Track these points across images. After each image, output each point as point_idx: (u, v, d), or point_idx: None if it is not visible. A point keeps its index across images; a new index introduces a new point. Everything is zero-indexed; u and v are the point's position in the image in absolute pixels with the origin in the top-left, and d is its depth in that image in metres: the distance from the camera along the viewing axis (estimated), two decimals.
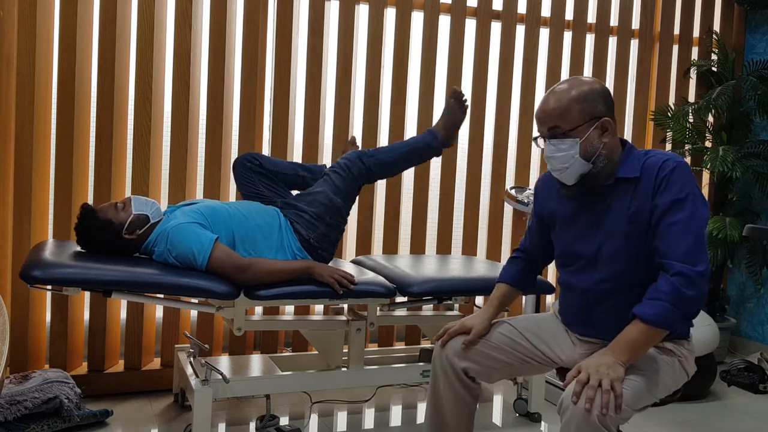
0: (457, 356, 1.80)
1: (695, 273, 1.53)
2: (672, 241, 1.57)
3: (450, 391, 1.81)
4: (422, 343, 3.35)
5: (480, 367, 1.81)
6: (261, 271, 2.23)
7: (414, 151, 2.57)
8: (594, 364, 1.52)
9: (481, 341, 1.82)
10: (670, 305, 1.53)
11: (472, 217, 3.38)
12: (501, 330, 1.86)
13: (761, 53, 3.85)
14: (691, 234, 1.56)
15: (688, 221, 1.57)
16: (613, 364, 1.52)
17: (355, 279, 2.32)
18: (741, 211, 3.68)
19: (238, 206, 2.42)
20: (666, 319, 1.54)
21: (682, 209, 1.58)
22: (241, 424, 2.58)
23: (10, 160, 2.65)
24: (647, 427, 2.70)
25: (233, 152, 3.01)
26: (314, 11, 3.04)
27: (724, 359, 3.66)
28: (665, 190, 1.61)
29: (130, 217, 2.27)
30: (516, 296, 2.00)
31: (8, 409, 2.21)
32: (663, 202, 1.60)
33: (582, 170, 1.68)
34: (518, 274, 1.99)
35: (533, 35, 3.44)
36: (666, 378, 1.65)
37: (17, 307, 2.66)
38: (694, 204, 1.58)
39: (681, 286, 1.53)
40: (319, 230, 2.43)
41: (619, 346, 1.56)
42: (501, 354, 1.83)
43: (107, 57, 2.74)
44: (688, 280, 1.53)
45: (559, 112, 1.66)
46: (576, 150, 1.66)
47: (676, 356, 1.70)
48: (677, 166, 1.62)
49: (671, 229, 1.58)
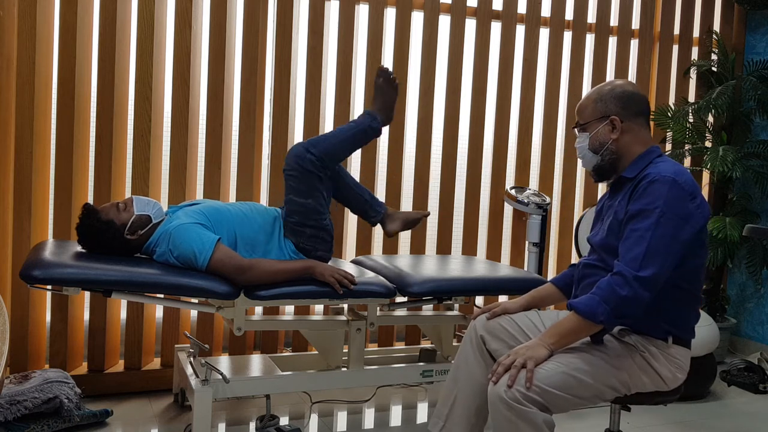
0: (481, 325, 1.93)
1: (633, 276, 1.62)
2: (627, 245, 1.67)
3: (472, 357, 1.91)
4: (422, 343, 3.35)
5: (495, 341, 1.90)
6: (262, 271, 2.23)
7: (357, 134, 2.47)
8: (519, 347, 1.67)
9: (505, 317, 1.93)
10: (599, 299, 1.63)
11: (472, 217, 3.38)
12: (527, 314, 1.96)
13: (761, 53, 3.85)
14: (644, 242, 1.64)
15: (647, 231, 1.65)
16: (535, 345, 1.66)
17: (355, 279, 2.32)
18: (741, 211, 3.68)
19: (240, 207, 2.42)
20: (591, 310, 1.63)
21: (645, 218, 1.67)
22: (241, 424, 2.58)
23: (10, 160, 2.65)
24: (647, 427, 2.70)
25: (233, 152, 3.01)
26: (314, 11, 3.04)
27: (724, 359, 3.66)
28: (638, 199, 1.71)
29: (132, 218, 2.27)
30: (556, 298, 2.05)
31: (8, 409, 2.21)
32: (632, 209, 1.71)
33: (593, 161, 1.86)
34: (565, 278, 2.05)
35: (533, 35, 3.44)
36: (613, 368, 1.69)
37: (17, 307, 2.66)
38: (660, 218, 1.66)
39: (615, 284, 1.63)
40: (305, 234, 2.40)
41: (548, 331, 1.70)
42: (518, 334, 1.90)
43: (107, 57, 2.74)
44: (624, 281, 1.62)
45: (580, 108, 1.89)
46: (587, 143, 1.86)
47: (638, 351, 1.74)
48: (658, 179, 1.69)
49: (630, 234, 1.68)
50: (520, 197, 3.29)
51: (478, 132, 3.37)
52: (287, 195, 2.40)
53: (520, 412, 1.55)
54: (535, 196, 3.29)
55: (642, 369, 1.73)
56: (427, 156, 3.28)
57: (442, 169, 3.32)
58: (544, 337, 1.69)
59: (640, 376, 1.73)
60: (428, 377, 2.62)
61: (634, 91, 1.82)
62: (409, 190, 3.32)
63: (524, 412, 1.55)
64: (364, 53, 3.21)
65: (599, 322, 1.63)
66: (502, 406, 1.57)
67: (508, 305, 1.98)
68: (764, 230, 2.17)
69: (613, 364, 1.70)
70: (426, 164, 3.27)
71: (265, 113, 3.06)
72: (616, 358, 1.71)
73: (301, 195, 2.37)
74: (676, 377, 1.77)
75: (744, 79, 3.60)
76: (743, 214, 3.67)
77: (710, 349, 2.98)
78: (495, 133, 3.42)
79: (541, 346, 1.66)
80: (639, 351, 1.74)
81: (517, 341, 1.89)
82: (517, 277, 2.60)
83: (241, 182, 2.97)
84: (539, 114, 3.53)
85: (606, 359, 1.70)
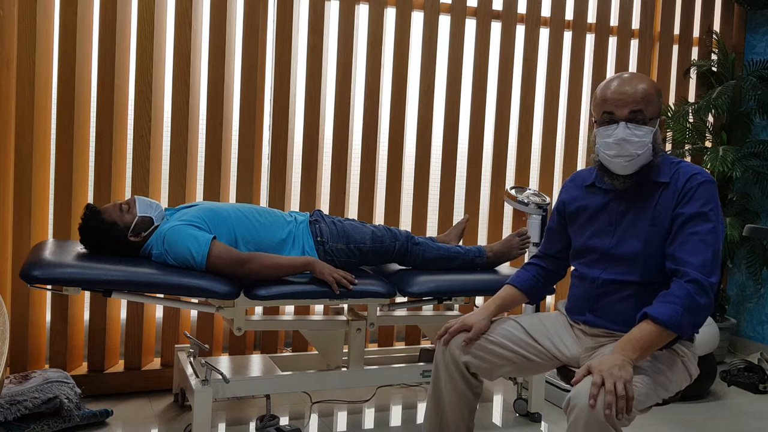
0: (459, 351, 1.81)
1: (708, 283, 1.58)
2: (691, 250, 1.61)
3: (451, 386, 1.82)
4: (422, 343, 3.35)
5: (482, 362, 1.82)
6: (261, 264, 2.23)
7: (457, 256, 2.64)
8: (606, 365, 1.50)
9: (483, 337, 1.83)
10: (683, 309, 1.56)
11: (472, 217, 3.38)
12: (504, 326, 1.87)
13: (761, 53, 3.85)
14: (709, 247, 1.60)
15: (709, 234, 1.61)
16: (623, 364, 1.51)
17: (355, 280, 2.32)
18: (741, 211, 3.68)
19: (239, 207, 2.42)
20: (677, 322, 1.56)
21: (705, 222, 1.63)
22: (241, 424, 2.58)
23: (10, 160, 2.65)
24: (647, 427, 2.70)
25: (233, 152, 3.01)
26: (314, 11, 3.04)
27: (724, 359, 3.66)
28: (690, 201, 1.65)
29: (135, 220, 2.27)
30: (520, 302, 1.99)
31: (8, 409, 2.21)
32: (687, 212, 1.65)
33: (647, 159, 1.71)
34: (530, 280, 1.99)
35: (533, 35, 3.44)
36: (670, 378, 1.66)
37: (17, 307, 2.66)
38: (717, 219, 1.63)
39: (694, 293, 1.57)
40: (339, 244, 2.44)
41: (629, 345, 1.56)
42: (503, 350, 1.83)
43: (107, 57, 2.74)
44: (701, 289, 1.57)
45: (646, 97, 1.68)
46: (650, 138, 1.69)
47: (680, 356, 1.71)
48: (705, 180, 1.67)
49: (692, 239, 1.62)
50: (520, 197, 3.28)
51: (478, 132, 3.37)
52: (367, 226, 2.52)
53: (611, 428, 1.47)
54: (535, 196, 3.29)
55: (683, 372, 1.72)
56: (427, 156, 3.28)
57: (442, 169, 3.32)
58: (626, 351, 1.54)
59: (682, 380, 1.72)
60: (428, 377, 2.62)
61: None
62: (409, 190, 3.32)
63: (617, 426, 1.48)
64: (364, 53, 3.21)
65: (682, 333, 1.57)
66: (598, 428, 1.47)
67: (479, 325, 1.82)
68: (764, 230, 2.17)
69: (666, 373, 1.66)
70: (426, 164, 3.27)
71: (265, 113, 3.06)
72: (668, 368, 1.67)
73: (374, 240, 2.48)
74: (693, 373, 1.77)
75: (744, 79, 3.60)
76: (743, 214, 3.67)
77: (710, 349, 2.97)
78: (495, 133, 3.42)
79: (627, 363, 1.52)
80: (680, 356, 1.71)
81: (502, 356, 1.82)
82: None
83: (241, 182, 2.97)
84: (539, 114, 3.53)
85: (661, 370, 1.65)
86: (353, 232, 2.47)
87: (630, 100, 1.68)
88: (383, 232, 2.52)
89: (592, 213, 1.84)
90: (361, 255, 2.47)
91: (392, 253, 2.52)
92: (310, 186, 3.09)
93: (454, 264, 2.63)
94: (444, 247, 2.63)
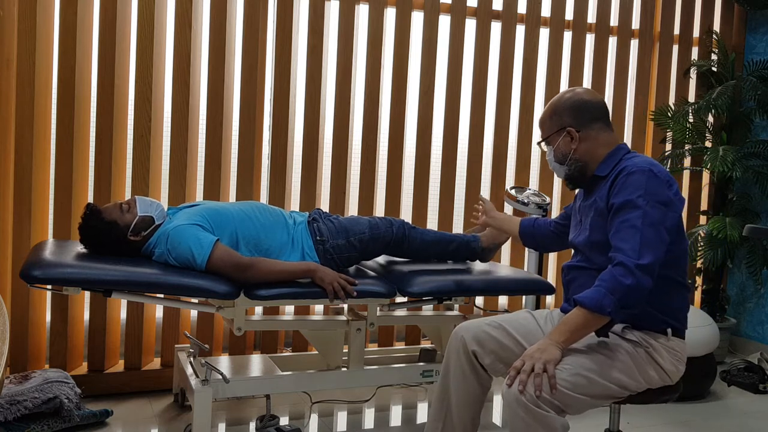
0: (470, 338, 1.89)
1: (635, 264, 1.64)
2: (622, 237, 1.70)
3: (461, 370, 1.88)
4: (422, 343, 3.35)
5: (489, 355, 1.87)
6: (262, 270, 2.23)
7: (454, 239, 2.68)
8: (531, 350, 1.65)
9: (495, 326, 1.90)
10: (606, 291, 1.64)
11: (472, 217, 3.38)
12: (519, 318, 1.95)
13: (761, 53, 3.85)
14: (637, 232, 1.68)
15: (637, 219, 1.68)
16: (547, 346, 1.65)
17: (357, 283, 2.32)
18: (741, 211, 3.68)
19: (241, 206, 2.42)
20: (598, 303, 1.64)
21: (633, 209, 1.70)
22: (241, 424, 2.58)
23: (10, 160, 2.65)
24: (647, 427, 2.70)
25: (233, 152, 3.01)
26: (314, 11, 3.04)
27: (724, 359, 3.66)
28: (619, 192, 1.74)
29: (135, 219, 2.27)
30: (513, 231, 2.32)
31: (8, 409, 2.21)
32: (617, 201, 1.74)
33: (562, 172, 1.93)
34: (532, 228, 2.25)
35: (533, 35, 3.44)
36: (622, 365, 1.71)
37: (17, 307, 2.66)
38: (645, 207, 1.70)
39: (619, 275, 1.65)
40: (339, 240, 2.45)
41: (557, 329, 1.68)
42: (514, 345, 1.88)
43: (107, 57, 2.74)
44: (626, 270, 1.64)
45: (540, 123, 1.96)
46: (552, 155, 1.93)
47: (642, 346, 1.75)
48: (636, 170, 1.74)
49: (622, 226, 1.71)
50: (520, 197, 3.28)
51: (478, 132, 3.37)
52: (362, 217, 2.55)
53: (538, 416, 1.56)
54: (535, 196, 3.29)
55: (648, 364, 1.75)
56: (427, 156, 3.28)
57: (442, 169, 3.32)
58: (553, 335, 1.67)
59: (647, 371, 1.74)
60: (428, 377, 2.62)
61: (587, 99, 1.86)
62: (409, 190, 3.32)
63: (543, 416, 1.56)
64: (364, 53, 3.21)
65: (607, 314, 1.64)
66: (520, 409, 1.57)
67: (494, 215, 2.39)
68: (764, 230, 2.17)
69: (620, 360, 1.71)
70: (426, 164, 3.27)
71: (265, 113, 3.06)
72: (622, 355, 1.72)
73: (372, 229, 2.51)
74: (678, 370, 1.79)
75: (744, 79, 3.60)
76: (743, 214, 3.67)
77: (710, 349, 2.97)
78: (495, 133, 3.42)
79: (553, 345, 1.65)
80: (643, 346, 1.75)
81: (510, 351, 1.87)
82: (517, 277, 2.61)
83: (241, 182, 2.97)
84: (539, 114, 3.52)
85: (613, 357, 1.71)
86: (351, 225, 2.49)
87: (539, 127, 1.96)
88: (378, 221, 2.56)
89: (576, 213, 2.00)
90: (362, 246, 2.48)
91: (391, 238, 2.53)
92: (310, 186, 3.09)
93: (452, 247, 2.67)
94: (440, 232, 2.71)
